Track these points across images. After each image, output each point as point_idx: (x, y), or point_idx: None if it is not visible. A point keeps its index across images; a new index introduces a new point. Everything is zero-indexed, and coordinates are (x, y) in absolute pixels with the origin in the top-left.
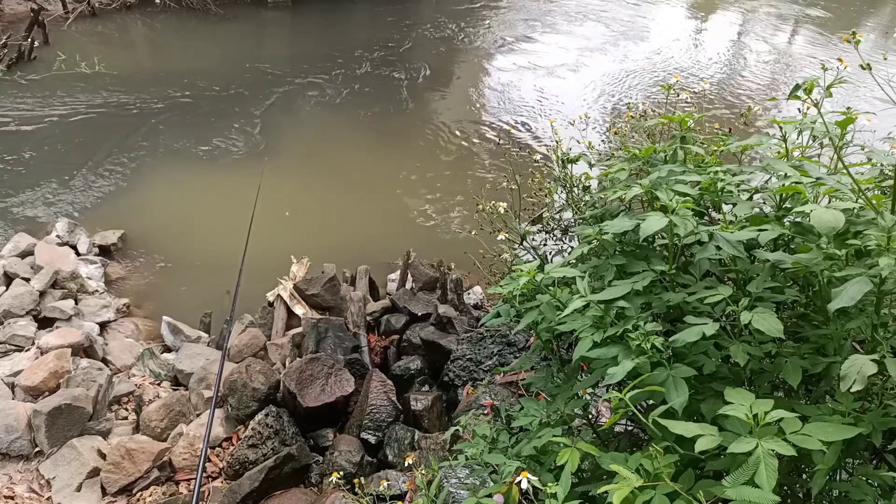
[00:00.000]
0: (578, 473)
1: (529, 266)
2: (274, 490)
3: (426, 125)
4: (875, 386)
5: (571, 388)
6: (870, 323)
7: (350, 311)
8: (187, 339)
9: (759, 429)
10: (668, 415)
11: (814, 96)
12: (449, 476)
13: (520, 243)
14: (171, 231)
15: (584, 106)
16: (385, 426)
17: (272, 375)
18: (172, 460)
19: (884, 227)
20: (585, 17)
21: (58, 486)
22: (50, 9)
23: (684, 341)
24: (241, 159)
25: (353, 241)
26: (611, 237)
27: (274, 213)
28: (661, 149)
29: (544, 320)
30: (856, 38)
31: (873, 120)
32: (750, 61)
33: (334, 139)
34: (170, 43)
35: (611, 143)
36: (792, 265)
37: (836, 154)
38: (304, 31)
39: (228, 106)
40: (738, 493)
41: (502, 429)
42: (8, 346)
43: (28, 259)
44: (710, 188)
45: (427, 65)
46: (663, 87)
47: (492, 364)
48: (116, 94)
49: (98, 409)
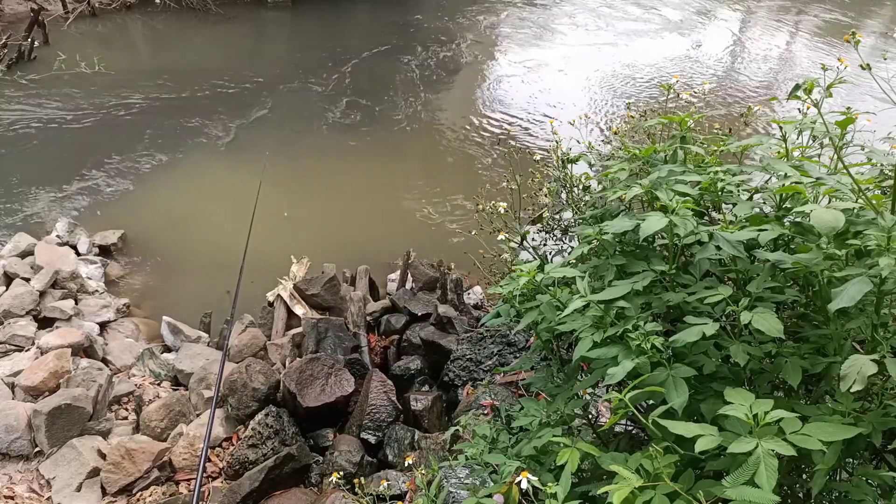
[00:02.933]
0: (578, 473)
1: (529, 266)
2: (274, 490)
3: (426, 125)
4: (875, 386)
5: (571, 388)
6: (870, 323)
7: (350, 311)
8: (187, 339)
9: (759, 429)
10: (668, 415)
11: (814, 96)
12: (449, 476)
13: (520, 243)
14: (171, 231)
15: (585, 106)
16: (385, 426)
17: (272, 375)
18: (172, 460)
19: (884, 227)
20: (586, 17)
21: (58, 486)
22: (50, 9)
23: (684, 341)
24: (241, 159)
25: (353, 241)
26: (611, 237)
27: (274, 212)
28: (661, 149)
29: (544, 320)
30: (855, 39)
31: (873, 120)
32: (750, 61)
33: (334, 139)
34: (170, 43)
35: (611, 142)
36: (792, 265)
37: (836, 154)
38: (304, 31)
39: (228, 106)
40: (738, 493)
41: (502, 429)
42: (8, 346)
43: (28, 259)
44: (710, 188)
45: (427, 64)
46: (663, 87)
47: (492, 364)
48: (116, 94)
49: (98, 409)
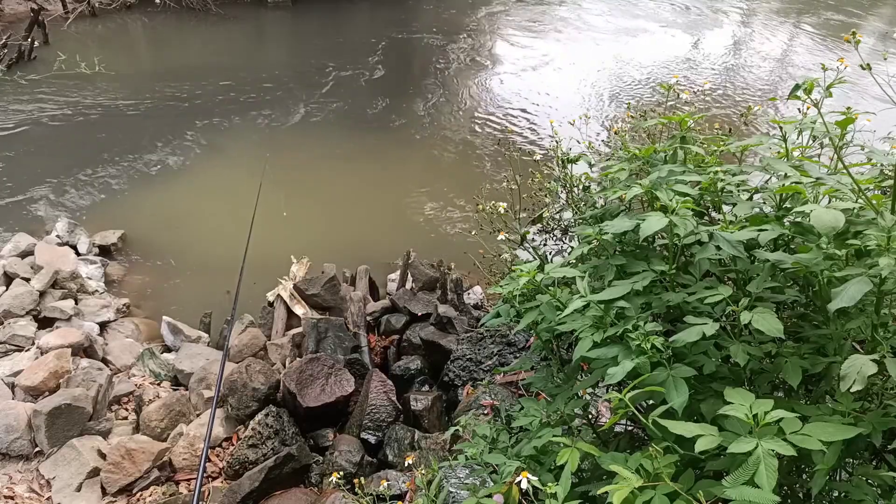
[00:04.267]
0: (578, 473)
1: (529, 266)
2: (274, 490)
3: (426, 125)
4: (875, 386)
5: (571, 388)
6: (870, 323)
7: (350, 311)
8: (187, 339)
9: (759, 429)
10: (668, 415)
11: (814, 96)
12: (449, 476)
13: (520, 243)
14: (171, 231)
15: (585, 105)
16: (385, 426)
17: (272, 375)
18: (172, 460)
19: (884, 227)
20: (586, 17)
21: (58, 486)
22: (50, 9)
23: (684, 341)
24: (241, 159)
25: (354, 240)
26: (611, 237)
27: (274, 212)
28: (662, 149)
29: (544, 320)
30: (856, 39)
31: (873, 120)
32: (750, 61)
33: (335, 139)
34: (170, 43)
35: (611, 142)
36: (792, 265)
37: (836, 154)
38: (304, 31)
39: (228, 105)
40: (738, 493)
41: (502, 429)
42: (8, 346)
43: (28, 259)
44: (710, 188)
45: (427, 64)
46: (663, 86)
47: (492, 364)
48: (116, 94)
49: (98, 409)
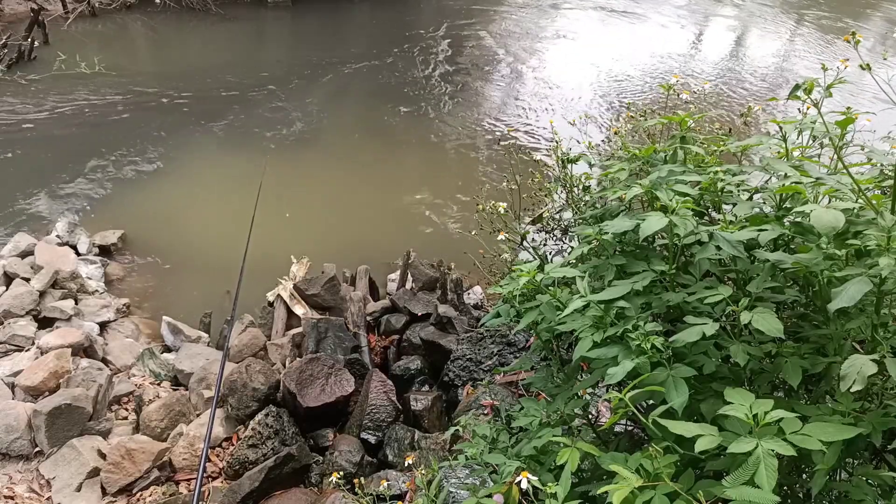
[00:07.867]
0: (578, 473)
1: (529, 266)
2: (274, 490)
3: (427, 125)
4: (875, 386)
5: (571, 388)
6: (870, 323)
7: (350, 311)
8: (187, 339)
9: (759, 429)
10: (667, 415)
11: (813, 96)
12: (449, 476)
13: (520, 243)
14: (171, 231)
15: (585, 105)
16: (385, 426)
17: (272, 375)
18: (172, 460)
19: (884, 227)
20: (586, 17)
21: (58, 486)
22: (50, 9)
23: (684, 341)
24: (241, 159)
25: (353, 241)
26: (611, 237)
27: (274, 213)
28: (662, 149)
29: (544, 320)
30: (855, 39)
31: (873, 120)
32: (750, 61)
33: (335, 139)
34: (170, 43)
35: (611, 142)
36: (792, 265)
37: (836, 154)
38: (304, 31)
39: (228, 106)
40: (738, 493)
41: (502, 429)
42: (8, 346)
43: (28, 259)
44: (710, 188)
45: (427, 64)
46: (663, 86)
47: (492, 364)
48: (116, 94)
49: (98, 409)
